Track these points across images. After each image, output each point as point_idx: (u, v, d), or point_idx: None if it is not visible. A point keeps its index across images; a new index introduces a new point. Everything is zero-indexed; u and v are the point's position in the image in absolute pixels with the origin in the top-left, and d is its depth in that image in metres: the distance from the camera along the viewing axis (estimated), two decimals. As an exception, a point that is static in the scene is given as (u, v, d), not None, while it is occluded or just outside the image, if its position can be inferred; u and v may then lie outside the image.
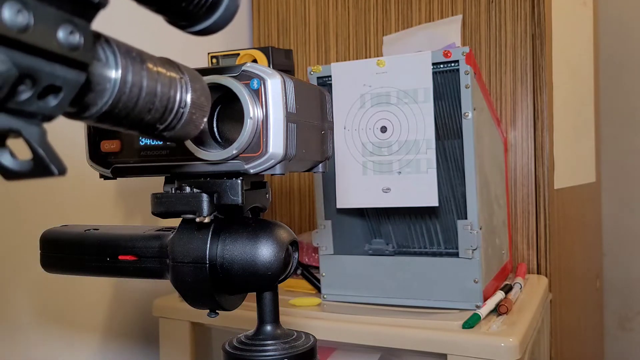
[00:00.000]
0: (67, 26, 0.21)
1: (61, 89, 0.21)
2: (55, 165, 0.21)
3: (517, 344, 0.66)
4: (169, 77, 0.26)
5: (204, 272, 0.39)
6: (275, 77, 0.36)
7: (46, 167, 0.21)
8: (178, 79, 0.27)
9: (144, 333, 1.00)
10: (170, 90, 0.26)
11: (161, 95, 0.26)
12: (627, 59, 1.73)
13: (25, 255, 0.79)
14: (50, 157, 0.21)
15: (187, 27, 0.28)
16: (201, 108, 0.28)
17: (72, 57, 0.21)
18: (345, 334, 0.75)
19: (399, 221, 0.86)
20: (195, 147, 0.37)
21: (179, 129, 0.28)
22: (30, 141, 0.21)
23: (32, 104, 0.20)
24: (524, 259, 1.02)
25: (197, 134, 0.37)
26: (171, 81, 0.27)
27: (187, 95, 0.27)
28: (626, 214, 1.73)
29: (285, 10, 1.26)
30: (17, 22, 0.18)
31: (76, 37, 0.21)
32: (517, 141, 1.03)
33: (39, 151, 0.21)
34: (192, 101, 0.28)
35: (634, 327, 1.73)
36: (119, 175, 0.41)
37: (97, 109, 0.23)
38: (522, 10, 1.02)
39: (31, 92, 0.20)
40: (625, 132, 1.74)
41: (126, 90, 0.24)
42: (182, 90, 0.27)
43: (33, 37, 0.19)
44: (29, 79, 0.20)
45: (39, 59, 0.20)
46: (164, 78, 0.26)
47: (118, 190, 0.96)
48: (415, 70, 0.72)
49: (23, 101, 0.20)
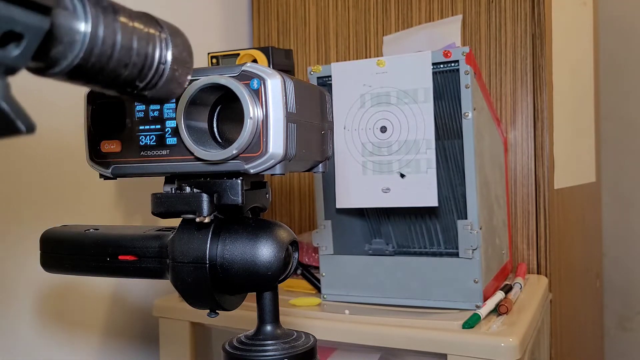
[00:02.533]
0: None
1: (23, 37, 0.19)
2: (22, 121, 0.19)
3: (517, 344, 0.66)
4: (147, 32, 0.25)
5: (204, 272, 0.39)
6: (275, 77, 0.36)
7: (11, 123, 0.19)
8: (157, 34, 0.26)
9: (144, 333, 1.00)
10: (148, 45, 0.25)
11: (138, 49, 0.25)
12: (627, 59, 1.73)
13: (25, 255, 0.79)
14: (16, 112, 0.19)
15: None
16: (184, 64, 0.27)
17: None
18: (345, 334, 0.75)
19: (399, 221, 0.86)
20: (196, 147, 0.37)
21: (161, 87, 0.26)
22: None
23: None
24: (524, 259, 1.02)
25: (196, 134, 0.37)
26: (149, 36, 0.25)
27: (167, 51, 0.26)
28: (626, 214, 1.73)
29: (285, 11, 1.26)
30: None
31: None
32: (517, 141, 1.03)
33: (3, 106, 0.19)
34: (173, 57, 0.26)
35: (634, 327, 1.73)
36: (119, 175, 0.41)
37: (67, 63, 0.22)
38: (522, 10, 1.02)
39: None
40: (625, 132, 1.74)
41: (98, 43, 0.22)
42: (161, 45, 0.26)
43: None
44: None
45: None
46: (141, 32, 0.25)
47: (118, 190, 0.96)
48: (415, 70, 0.72)
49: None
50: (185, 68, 0.27)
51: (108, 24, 0.23)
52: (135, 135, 0.39)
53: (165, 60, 0.26)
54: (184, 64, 0.27)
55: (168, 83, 0.27)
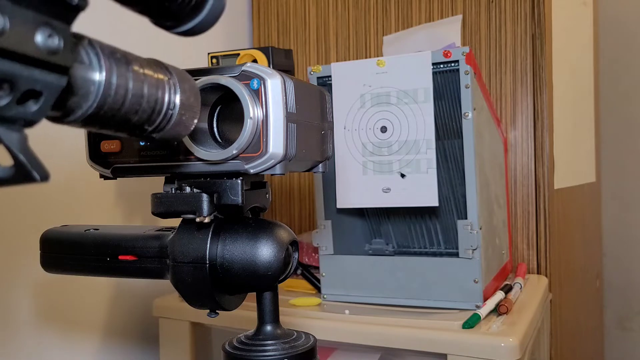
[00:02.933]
0: (46, 29, 0.20)
1: (41, 94, 0.21)
2: (37, 171, 0.21)
3: (517, 344, 0.66)
4: (157, 78, 0.26)
5: (204, 272, 0.39)
6: (275, 77, 0.36)
7: (28, 173, 0.20)
8: (166, 80, 0.27)
9: (144, 333, 1.00)
10: (157, 91, 0.26)
11: (148, 97, 0.25)
12: (627, 59, 1.73)
13: (25, 255, 0.79)
14: (32, 163, 0.21)
15: (172, 28, 0.27)
16: (191, 109, 0.28)
17: (51, 61, 0.20)
18: (345, 334, 0.75)
19: (399, 221, 0.86)
20: (196, 147, 0.37)
21: (169, 130, 0.27)
22: (10, 147, 0.20)
23: (11, 109, 0.20)
24: (524, 259, 1.02)
25: (196, 134, 0.37)
26: (158, 82, 0.26)
27: (175, 96, 0.27)
28: (626, 214, 1.73)
29: (285, 11, 1.26)
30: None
31: (55, 40, 0.20)
32: (517, 141, 1.03)
33: (20, 157, 0.20)
34: (181, 102, 0.27)
35: (634, 327, 1.73)
36: (119, 175, 0.41)
37: (82, 112, 0.23)
38: (522, 10, 1.02)
39: (9, 98, 0.20)
40: (625, 132, 1.74)
41: (111, 93, 0.23)
42: (170, 91, 0.27)
43: (9, 42, 0.19)
44: (7, 83, 0.19)
45: (17, 63, 0.19)
46: (151, 79, 0.26)
47: (118, 190, 0.96)
48: (415, 70, 0.72)
49: (1, 107, 0.19)
50: (192, 112, 0.28)
51: (121, 73, 0.24)
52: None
53: (174, 105, 0.27)
54: (191, 109, 0.28)
55: (175, 126, 0.27)
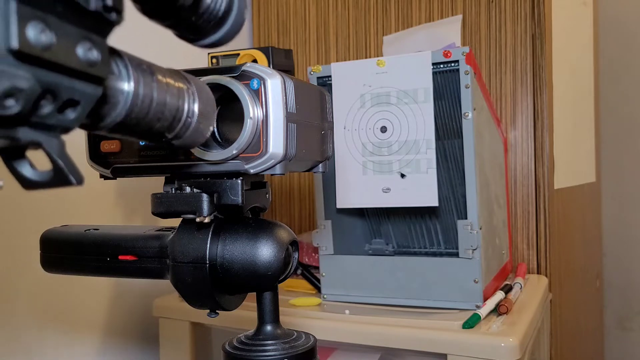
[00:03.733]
0: (86, 43, 0.21)
1: (79, 103, 0.22)
2: (74, 176, 0.22)
3: (517, 344, 0.66)
4: (178, 87, 0.27)
5: (204, 272, 0.39)
6: (275, 77, 0.36)
7: (65, 177, 0.22)
8: (185, 89, 0.28)
9: (144, 333, 1.00)
10: (178, 100, 0.27)
11: (170, 106, 0.27)
12: (627, 59, 1.73)
13: (25, 255, 0.79)
14: (69, 167, 0.22)
15: (195, 41, 0.29)
16: (207, 117, 0.29)
17: (90, 72, 0.22)
18: (345, 334, 0.75)
19: (399, 221, 0.86)
20: (196, 147, 0.37)
21: (187, 138, 0.29)
22: (50, 153, 0.22)
23: (53, 117, 0.21)
24: (524, 259, 1.02)
25: (197, 134, 0.37)
26: (179, 92, 0.27)
27: (194, 105, 0.28)
28: (626, 214, 1.73)
29: (285, 11, 1.26)
30: (40, 41, 0.19)
31: (94, 53, 0.22)
32: (517, 141, 1.03)
33: (59, 162, 0.22)
34: (199, 111, 0.29)
35: (634, 327, 1.73)
36: (119, 175, 0.41)
37: (111, 120, 0.24)
38: (522, 10, 1.02)
39: (52, 107, 0.21)
40: (625, 132, 1.74)
41: (138, 102, 0.25)
42: (189, 100, 0.28)
43: (55, 55, 0.20)
44: (50, 94, 0.21)
45: (60, 75, 0.21)
46: (173, 89, 0.27)
47: (118, 190, 0.96)
48: (415, 70, 0.72)
49: (44, 115, 0.21)
50: (209, 120, 0.30)
51: (147, 83, 0.25)
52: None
53: (193, 113, 0.28)
54: (207, 117, 0.29)
55: (193, 134, 0.29)
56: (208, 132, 0.30)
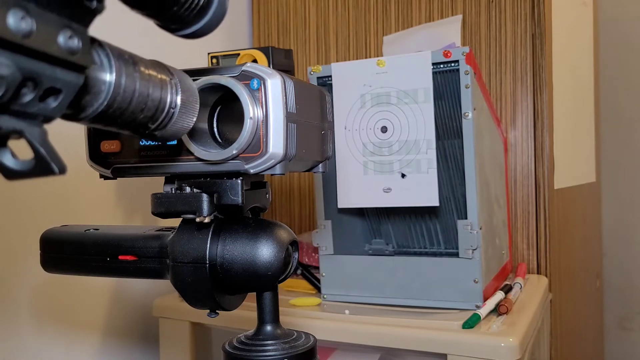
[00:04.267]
0: (67, 31, 0.21)
1: (61, 91, 0.22)
2: (56, 164, 0.22)
3: (517, 344, 0.66)
4: (160, 79, 0.28)
5: (204, 272, 0.39)
6: (275, 77, 0.36)
7: (47, 166, 0.22)
8: (168, 80, 0.28)
9: (144, 333, 1.00)
10: (161, 91, 0.27)
11: (153, 96, 0.27)
12: (627, 59, 1.73)
13: (26, 255, 0.79)
14: (52, 156, 0.22)
15: (177, 31, 0.29)
16: (191, 108, 0.30)
17: (71, 60, 0.22)
18: (345, 334, 0.75)
19: (399, 221, 0.86)
20: (196, 147, 0.37)
21: (169, 128, 0.29)
22: (32, 141, 0.21)
23: (34, 105, 0.21)
24: (524, 259, 1.02)
25: (196, 134, 0.37)
26: (162, 83, 0.28)
27: (177, 96, 0.29)
28: (626, 214, 1.73)
29: (285, 10, 1.26)
30: (21, 28, 0.19)
31: (75, 41, 0.22)
32: (517, 141, 1.03)
33: (41, 151, 0.22)
34: (182, 101, 0.29)
35: (634, 327, 1.73)
36: (119, 175, 0.41)
37: (93, 109, 0.24)
38: (522, 10, 1.02)
39: (33, 95, 0.21)
40: (625, 132, 1.74)
41: (120, 92, 0.25)
42: (172, 91, 0.28)
43: (36, 42, 0.20)
44: (31, 81, 0.21)
45: (41, 62, 0.21)
46: (155, 80, 0.27)
47: (118, 190, 0.96)
48: (415, 70, 0.72)
49: (25, 103, 0.21)
50: (192, 111, 0.30)
51: (129, 74, 0.25)
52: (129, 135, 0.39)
53: (175, 104, 0.29)
54: (190, 108, 0.30)
55: (176, 125, 0.29)
56: (191, 123, 0.30)
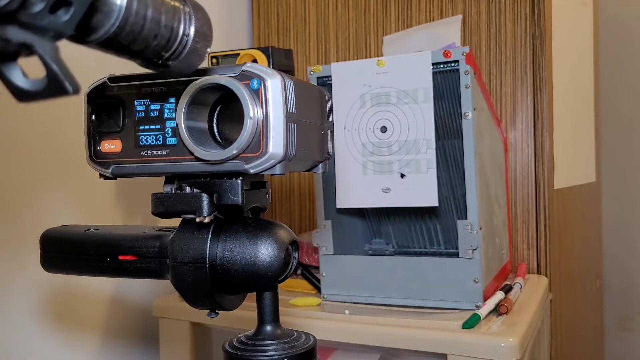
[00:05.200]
0: None
1: (72, 4, 0.21)
2: (70, 83, 0.21)
3: (517, 344, 0.66)
4: (173, 5, 0.27)
5: (204, 272, 0.39)
6: (275, 77, 0.36)
7: (60, 84, 0.21)
8: (182, 8, 0.28)
9: (144, 333, 1.00)
10: (174, 18, 0.27)
11: (166, 22, 0.27)
12: (627, 59, 1.73)
13: (25, 255, 0.79)
14: (65, 74, 0.21)
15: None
16: (204, 37, 0.29)
17: None
18: (345, 334, 0.75)
19: (399, 221, 0.86)
20: (196, 147, 0.37)
21: (184, 59, 0.29)
22: (44, 57, 0.21)
23: (44, 17, 0.20)
24: (524, 259, 1.02)
25: (196, 134, 0.37)
26: (175, 10, 0.27)
27: (190, 24, 0.28)
28: (626, 214, 1.73)
29: (285, 10, 1.26)
30: None
31: None
32: (517, 141, 1.03)
33: (53, 67, 0.21)
34: (195, 30, 0.28)
35: (634, 327, 1.73)
36: (119, 175, 0.41)
37: (105, 31, 0.24)
38: (522, 10, 1.02)
39: (42, 5, 0.20)
40: (625, 132, 1.74)
41: (132, 14, 0.24)
42: (185, 18, 0.28)
43: None
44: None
45: None
46: (168, 6, 0.27)
47: (118, 190, 0.96)
48: (415, 70, 0.72)
49: (35, 14, 0.20)
50: (206, 41, 0.30)
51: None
52: (135, 135, 0.39)
53: (189, 32, 0.28)
54: (204, 37, 0.29)
55: (190, 54, 0.29)
56: (205, 53, 0.30)
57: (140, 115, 0.39)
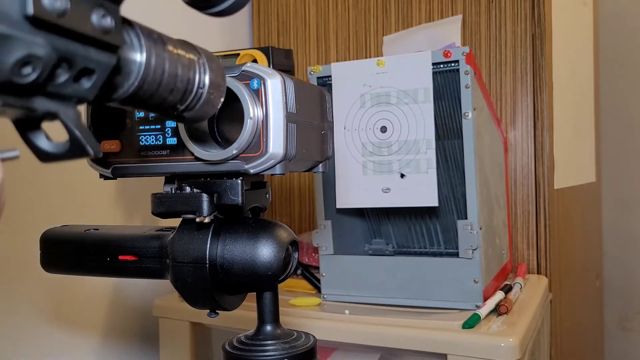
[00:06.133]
0: (100, 10, 0.21)
1: (94, 71, 0.22)
2: (91, 146, 0.22)
3: (517, 344, 0.66)
4: (189, 58, 0.27)
5: (204, 272, 0.39)
6: (275, 77, 0.36)
7: (82, 147, 0.22)
8: (196, 60, 0.28)
9: (144, 333, 1.00)
10: (190, 71, 0.27)
11: (182, 76, 0.27)
12: (627, 59, 1.73)
13: (25, 255, 0.79)
14: (86, 137, 0.22)
15: (205, 9, 0.28)
16: (218, 88, 0.29)
17: (104, 40, 0.21)
18: (345, 334, 0.75)
19: (399, 221, 0.86)
20: (196, 147, 0.37)
21: (198, 109, 0.29)
22: (67, 123, 0.21)
23: (69, 86, 0.21)
24: (524, 259, 1.02)
25: (196, 134, 0.37)
26: (190, 62, 0.27)
27: (205, 75, 0.28)
28: (626, 214, 1.73)
29: (285, 10, 1.26)
30: (56, 7, 0.19)
31: (108, 20, 0.22)
32: (517, 141, 1.03)
33: (76, 132, 0.21)
34: (210, 81, 0.28)
35: (634, 327, 1.73)
36: (119, 175, 0.41)
37: (124, 90, 0.24)
38: (522, 10, 1.02)
39: (67, 75, 0.21)
40: (625, 132, 1.74)
41: (150, 72, 0.25)
42: (200, 71, 0.28)
43: (70, 22, 0.20)
44: (66, 62, 0.20)
45: (75, 42, 0.20)
46: (184, 59, 0.27)
47: (118, 190, 0.96)
48: (415, 70, 0.72)
49: (60, 84, 0.21)
50: (220, 91, 0.30)
51: (159, 53, 0.25)
52: (135, 135, 0.40)
53: (204, 84, 0.28)
54: (218, 88, 0.29)
55: (204, 105, 0.29)
56: (219, 103, 0.30)
57: (140, 115, 0.40)
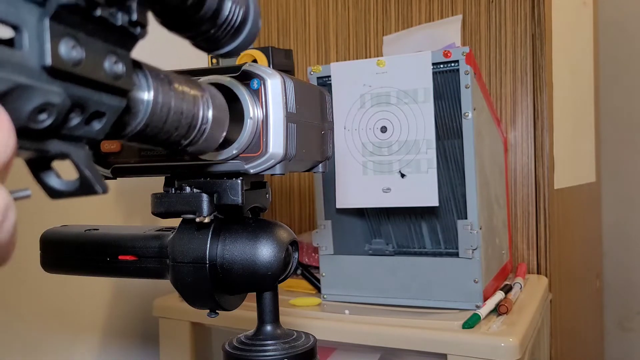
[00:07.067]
0: (112, 56, 0.22)
1: (105, 114, 0.23)
2: (100, 185, 0.23)
3: (517, 344, 0.66)
4: (193, 95, 0.28)
5: (204, 272, 0.39)
6: (275, 77, 0.36)
7: (91, 186, 0.22)
8: (200, 96, 0.29)
9: (144, 333, 1.00)
10: (194, 107, 0.28)
11: (186, 113, 0.27)
12: (627, 59, 1.73)
13: (25, 255, 0.78)
14: (95, 177, 0.23)
15: (211, 50, 0.29)
16: (221, 123, 0.30)
17: (116, 85, 0.22)
18: (345, 334, 0.75)
19: (399, 221, 0.86)
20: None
21: (201, 144, 0.29)
22: (78, 163, 0.22)
23: (80, 129, 0.22)
24: (524, 259, 1.02)
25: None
26: (195, 99, 0.28)
27: (208, 111, 0.29)
28: (626, 214, 1.73)
29: (285, 11, 1.26)
30: (72, 57, 0.20)
31: (119, 66, 0.22)
32: (517, 141, 1.03)
33: (86, 172, 0.22)
34: (213, 117, 0.29)
35: (634, 327, 1.73)
36: (119, 175, 0.41)
37: (131, 129, 0.25)
38: (522, 10, 1.02)
39: (80, 119, 0.22)
40: (625, 132, 1.74)
41: (157, 111, 0.25)
42: (204, 107, 0.29)
43: (85, 70, 0.21)
44: (79, 107, 0.21)
45: (88, 89, 0.21)
46: (189, 97, 0.28)
47: (118, 190, 0.96)
48: (415, 70, 0.72)
49: (72, 127, 0.22)
50: (222, 127, 0.31)
51: (165, 92, 0.26)
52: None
53: (207, 120, 0.29)
54: (221, 123, 0.30)
55: (207, 140, 0.30)
56: (221, 137, 0.31)
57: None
